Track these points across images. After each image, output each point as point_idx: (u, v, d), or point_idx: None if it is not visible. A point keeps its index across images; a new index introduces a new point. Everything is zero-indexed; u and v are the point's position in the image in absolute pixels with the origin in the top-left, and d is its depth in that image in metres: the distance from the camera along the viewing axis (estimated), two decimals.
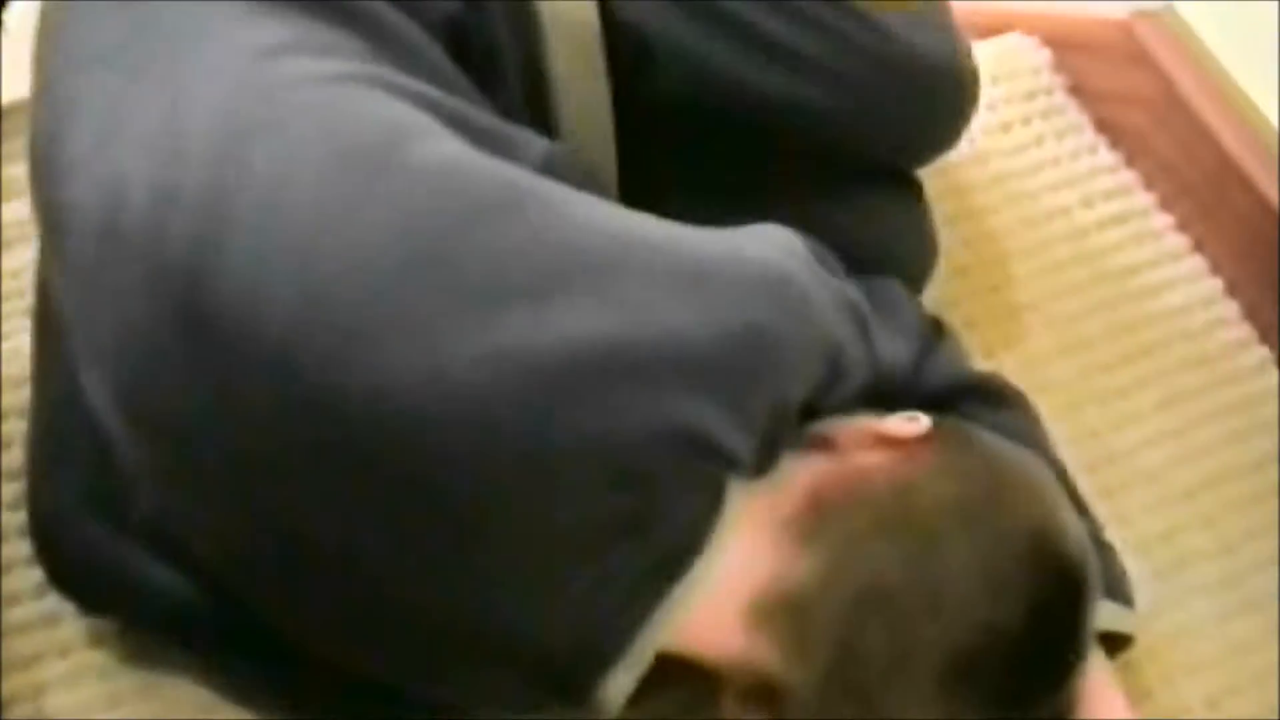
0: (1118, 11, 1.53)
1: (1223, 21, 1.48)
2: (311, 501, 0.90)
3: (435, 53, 1.03)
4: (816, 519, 0.97)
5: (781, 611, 0.96)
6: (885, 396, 1.07)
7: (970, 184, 1.48)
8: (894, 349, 1.11)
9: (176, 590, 1.01)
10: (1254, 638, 1.27)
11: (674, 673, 1.02)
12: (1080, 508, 1.15)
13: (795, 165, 1.15)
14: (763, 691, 0.98)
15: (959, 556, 0.96)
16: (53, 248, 0.99)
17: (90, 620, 1.13)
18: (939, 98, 1.20)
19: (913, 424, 1.02)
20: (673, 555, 0.94)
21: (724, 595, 0.96)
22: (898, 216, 1.23)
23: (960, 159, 1.48)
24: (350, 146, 0.91)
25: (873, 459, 1.00)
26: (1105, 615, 1.11)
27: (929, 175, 1.45)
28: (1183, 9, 1.51)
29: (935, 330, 1.20)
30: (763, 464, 0.98)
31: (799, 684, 0.96)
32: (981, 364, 1.34)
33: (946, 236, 1.43)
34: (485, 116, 1.01)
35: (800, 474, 1.00)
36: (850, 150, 1.18)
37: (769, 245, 0.99)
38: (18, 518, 1.13)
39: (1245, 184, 1.44)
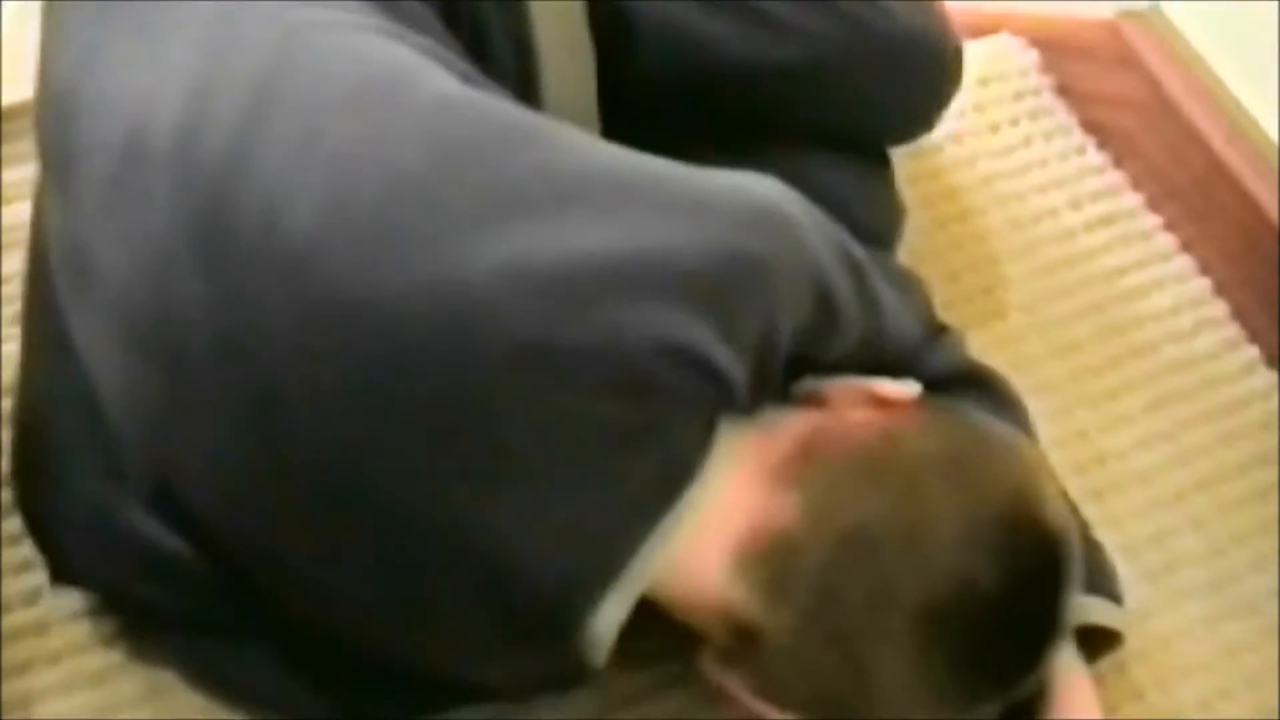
0: (1105, 12, 1.53)
1: (1209, 22, 1.49)
2: (319, 410, 0.92)
3: (438, 27, 1.07)
4: (804, 465, 1.00)
5: (766, 553, 0.98)
6: (885, 372, 1.08)
7: (959, 186, 1.48)
8: (901, 321, 1.11)
9: (177, 551, 1.01)
10: (1246, 640, 1.28)
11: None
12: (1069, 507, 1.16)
13: (778, 141, 1.17)
14: (742, 650, 0.99)
15: (940, 506, 0.99)
16: (61, 188, 1.01)
17: (82, 626, 1.12)
18: (922, 71, 1.23)
19: (904, 387, 1.04)
20: (668, 477, 0.96)
21: (712, 532, 0.97)
22: (871, 188, 1.25)
23: (949, 161, 1.49)
24: (373, 77, 0.97)
25: (862, 415, 1.03)
26: (1094, 610, 1.12)
27: (919, 178, 1.47)
28: (1169, 10, 1.51)
29: (941, 325, 1.20)
30: (756, 395, 1.00)
31: (778, 629, 0.97)
32: None
33: (937, 240, 1.44)
34: (489, 83, 1.04)
35: (791, 423, 1.02)
36: (832, 122, 1.20)
37: (767, 185, 1.01)
38: (10, 524, 1.12)
39: (1233, 184, 1.45)
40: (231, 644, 1.06)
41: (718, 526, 0.98)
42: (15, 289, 1.13)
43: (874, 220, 1.23)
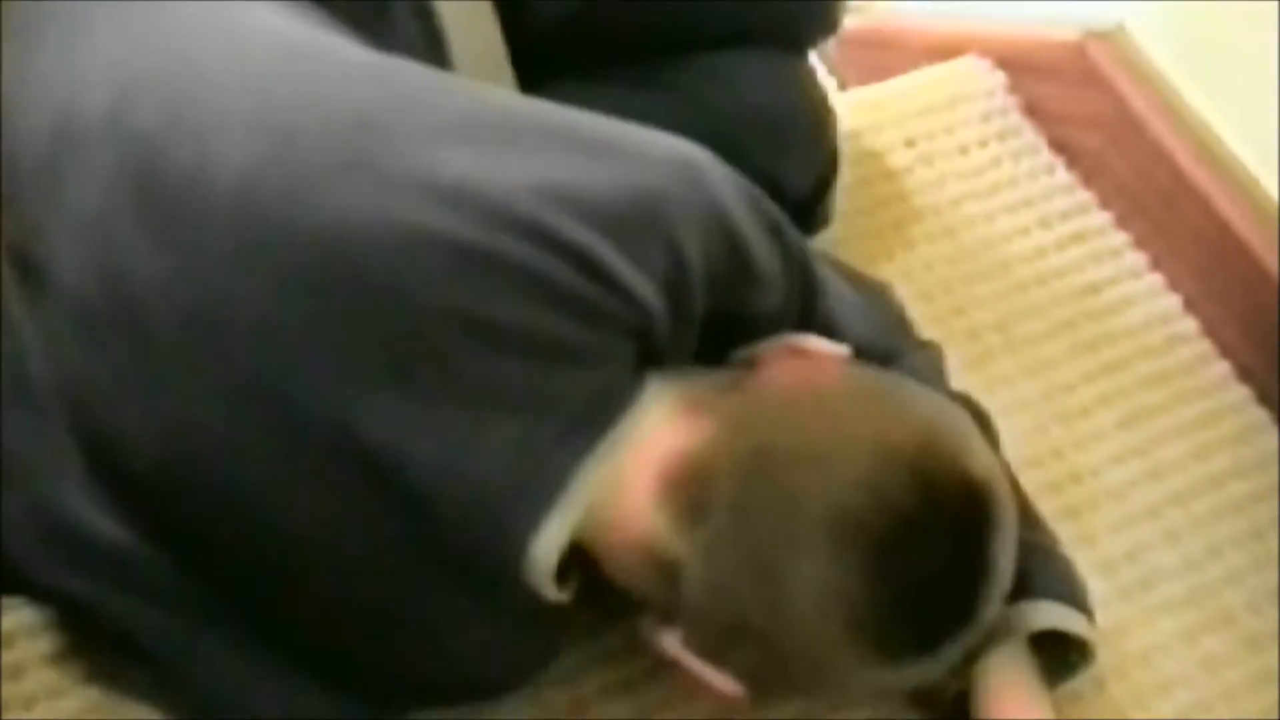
0: (1070, 32, 1.54)
1: (1173, 41, 1.50)
2: (263, 342, 0.96)
3: (340, 23, 1.10)
4: (724, 398, 1.03)
5: (684, 479, 0.99)
6: None
7: (929, 207, 1.48)
8: (855, 312, 1.14)
9: (127, 546, 1.03)
10: (1223, 653, 1.28)
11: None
12: (1034, 521, 1.18)
13: (691, 49, 1.23)
14: (670, 595, 1.00)
15: (856, 429, 1.00)
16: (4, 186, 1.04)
17: (55, 672, 1.11)
18: None
19: (833, 345, 1.06)
20: (605, 401, 0.99)
21: (641, 463, 0.99)
22: (786, 80, 1.29)
23: (918, 183, 1.49)
24: (297, 44, 1.03)
25: (788, 364, 1.05)
26: (1058, 616, 1.13)
27: (889, 200, 1.47)
28: (1134, 29, 1.52)
29: (922, 345, 1.21)
30: (678, 338, 1.02)
31: (697, 557, 0.98)
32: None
33: (908, 261, 1.45)
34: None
35: (718, 374, 1.06)
36: (742, 23, 1.25)
37: (681, 142, 1.06)
38: None
39: (1200, 201, 1.45)
40: (189, 651, 1.06)
41: (646, 458, 1.00)
42: None
43: (795, 109, 1.28)
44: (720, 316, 1.05)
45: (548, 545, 0.98)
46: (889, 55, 1.66)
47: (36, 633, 1.13)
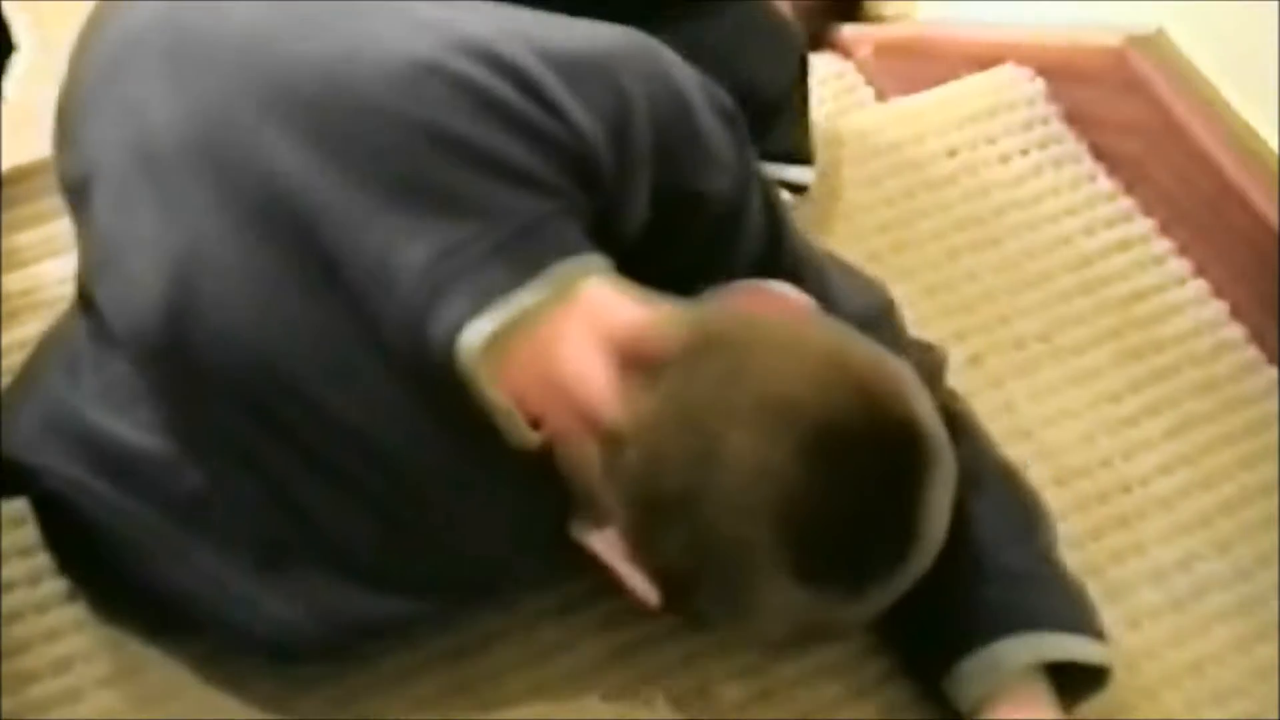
0: (1110, 38, 1.53)
1: (1214, 44, 1.49)
2: (256, 148, 1.05)
3: None
4: (686, 305, 1.06)
5: (635, 345, 1.02)
6: None
7: (972, 217, 1.48)
8: (825, 269, 1.18)
9: (133, 444, 1.08)
10: (1276, 662, 1.27)
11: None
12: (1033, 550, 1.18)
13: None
14: (611, 457, 1.01)
15: (811, 342, 1.03)
16: (69, 139, 1.16)
17: (112, 694, 1.13)
18: None
19: (798, 293, 1.09)
20: (548, 233, 1.03)
21: (590, 316, 1.02)
22: (749, 20, 1.36)
23: (961, 193, 1.49)
24: None
25: (752, 296, 1.09)
26: (1058, 646, 1.13)
27: (932, 212, 1.47)
28: (1174, 33, 1.52)
29: (909, 346, 1.21)
30: (625, 196, 1.06)
31: (640, 424, 1.00)
32: (992, 396, 1.36)
33: (951, 271, 1.44)
34: None
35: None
36: None
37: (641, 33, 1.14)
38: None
39: (1244, 205, 1.45)
40: (174, 550, 1.08)
41: (593, 314, 1.02)
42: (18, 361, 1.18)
43: (760, 17, 1.35)
44: (671, 200, 1.08)
45: (471, 341, 1.00)
46: (928, 65, 1.66)
47: (92, 656, 1.15)
